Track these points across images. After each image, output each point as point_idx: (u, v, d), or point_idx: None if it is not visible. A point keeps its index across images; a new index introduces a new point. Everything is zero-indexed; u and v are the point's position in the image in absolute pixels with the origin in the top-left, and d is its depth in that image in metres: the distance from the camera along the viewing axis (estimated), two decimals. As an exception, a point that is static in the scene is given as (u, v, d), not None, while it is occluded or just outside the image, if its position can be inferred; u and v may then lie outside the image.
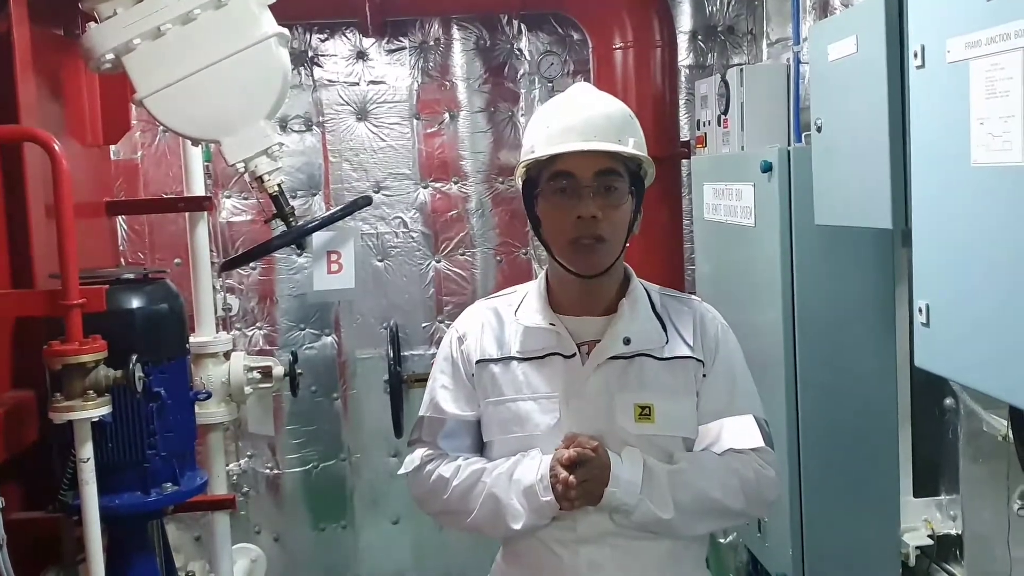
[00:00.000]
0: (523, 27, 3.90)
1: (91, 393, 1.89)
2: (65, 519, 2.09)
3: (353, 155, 3.89)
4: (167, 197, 3.63)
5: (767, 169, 2.53)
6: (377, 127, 3.89)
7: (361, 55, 3.87)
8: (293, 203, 2.34)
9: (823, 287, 2.50)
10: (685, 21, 3.95)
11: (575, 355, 1.69)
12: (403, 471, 1.80)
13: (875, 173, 2.08)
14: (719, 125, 3.27)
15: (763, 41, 3.85)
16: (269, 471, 3.94)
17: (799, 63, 2.87)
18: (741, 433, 1.72)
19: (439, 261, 3.96)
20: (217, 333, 3.00)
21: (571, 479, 1.58)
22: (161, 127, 2.76)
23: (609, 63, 3.58)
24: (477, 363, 1.74)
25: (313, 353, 3.91)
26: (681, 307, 1.78)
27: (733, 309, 1.99)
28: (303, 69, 3.80)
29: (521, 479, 1.64)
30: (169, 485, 2.19)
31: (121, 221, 3.59)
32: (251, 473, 3.93)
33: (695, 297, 1.87)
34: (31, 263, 2.13)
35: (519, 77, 3.92)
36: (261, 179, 2.19)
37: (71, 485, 2.00)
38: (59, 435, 1.98)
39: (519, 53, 3.91)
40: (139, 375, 1.98)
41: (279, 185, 2.23)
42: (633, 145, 1.67)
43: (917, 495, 2.59)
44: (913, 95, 1.74)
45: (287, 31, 2.18)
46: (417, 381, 3.20)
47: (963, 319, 1.61)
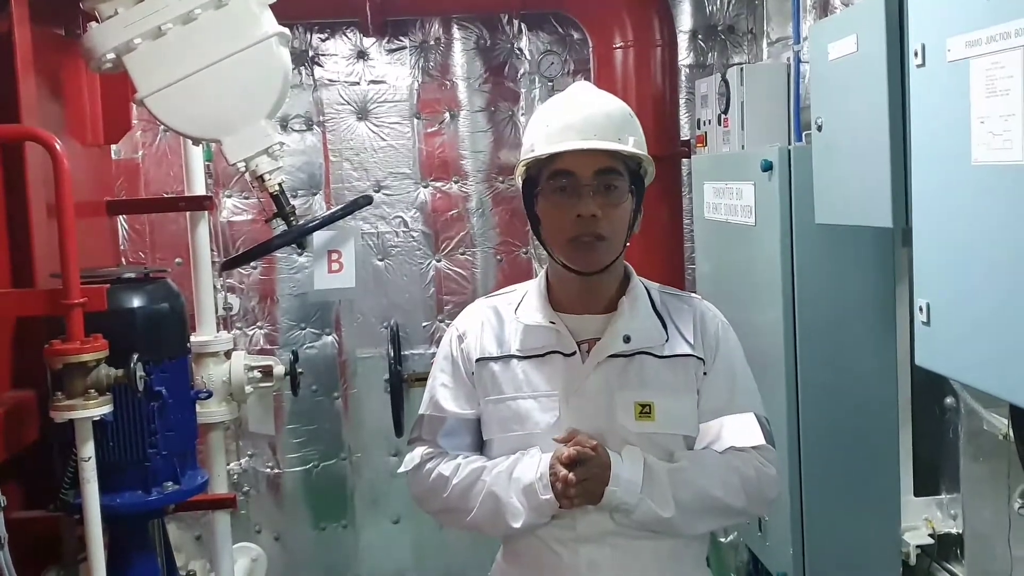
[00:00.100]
0: (523, 27, 3.90)
1: (92, 392, 1.90)
2: (66, 518, 2.09)
3: (353, 154, 3.89)
4: (168, 196, 3.63)
5: (767, 168, 2.53)
6: (378, 126, 3.89)
7: (362, 55, 3.87)
8: (294, 202, 2.34)
9: (823, 286, 2.50)
10: (685, 20, 3.96)
11: (575, 353, 1.69)
12: (403, 469, 1.81)
13: (875, 172, 2.08)
14: (719, 124, 3.27)
15: (763, 40, 3.85)
16: (270, 470, 3.94)
17: (799, 62, 2.87)
18: (742, 431, 1.72)
19: (439, 260, 3.96)
20: (218, 332, 3.00)
21: (571, 476, 1.58)
22: (162, 126, 2.76)
23: (609, 62, 3.58)
24: (477, 361, 1.74)
25: (314, 352, 3.91)
26: (681, 305, 1.78)
27: (733, 308, 1.99)
28: (304, 68, 3.80)
29: (520, 477, 1.64)
30: (170, 484, 2.19)
31: (122, 220, 3.60)
32: (252, 472, 3.93)
33: (695, 295, 1.87)
34: (32, 262, 2.13)
35: (519, 76, 3.92)
36: (262, 178, 2.19)
37: (72, 484, 2.00)
38: (60, 434, 1.98)
39: (519, 52, 3.91)
40: (140, 374, 1.99)
41: (280, 184, 2.23)
42: (633, 144, 1.67)
43: (918, 494, 2.59)
44: (913, 94, 1.74)
45: (288, 31, 2.18)
46: (418, 380, 3.20)
47: (963, 318, 1.61)
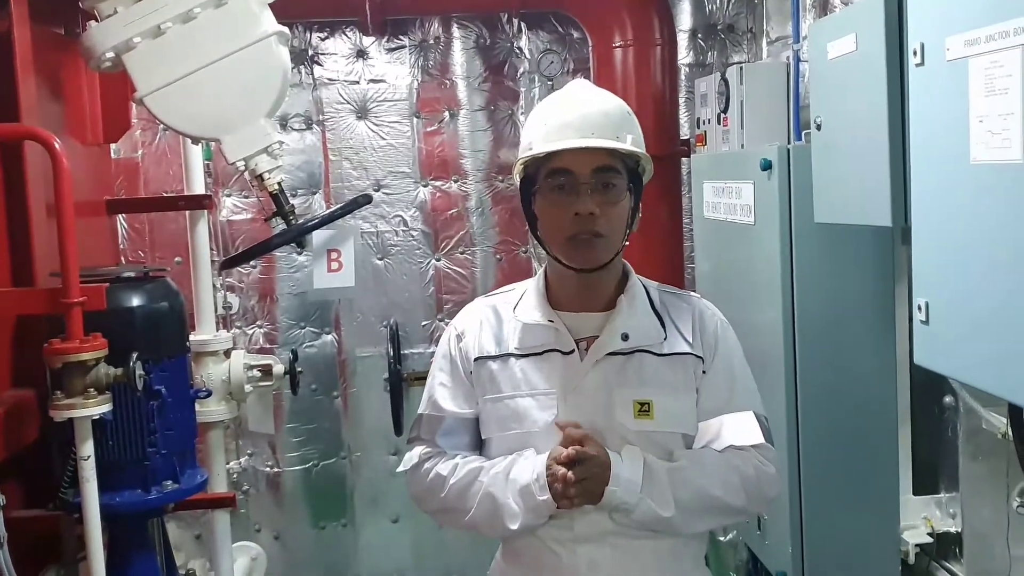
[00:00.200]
0: (523, 26, 3.90)
1: (91, 391, 1.89)
2: (66, 517, 2.09)
3: (353, 153, 3.89)
4: (167, 195, 3.62)
5: (767, 167, 2.53)
6: (377, 125, 3.89)
7: (361, 54, 3.87)
8: (293, 201, 2.34)
9: (823, 285, 2.50)
10: (685, 19, 3.95)
11: (573, 351, 1.69)
12: (401, 469, 1.81)
13: (875, 171, 2.08)
14: (719, 123, 3.27)
15: (763, 39, 3.85)
16: (269, 469, 3.95)
17: (799, 61, 2.87)
18: (741, 430, 1.71)
19: (439, 259, 3.96)
20: (217, 331, 3.00)
21: (569, 475, 1.58)
22: (161, 125, 2.76)
23: (609, 62, 3.59)
24: (475, 360, 1.74)
25: (313, 351, 3.91)
26: (680, 304, 1.78)
27: (733, 307, 1.99)
28: (303, 67, 3.80)
29: (517, 478, 1.64)
30: (169, 483, 2.19)
31: (121, 219, 3.59)
32: (251, 471, 3.93)
33: (694, 294, 1.87)
34: (32, 261, 2.13)
35: (519, 75, 3.92)
36: (261, 177, 2.18)
37: (71, 483, 2.00)
38: (59, 433, 1.98)
39: (519, 52, 3.91)
40: (139, 373, 1.98)
41: (279, 183, 2.23)
42: (631, 142, 1.67)
43: (917, 493, 2.59)
44: (912, 93, 1.74)
45: (287, 30, 2.17)
46: (417, 379, 3.19)
47: (962, 317, 1.61)
